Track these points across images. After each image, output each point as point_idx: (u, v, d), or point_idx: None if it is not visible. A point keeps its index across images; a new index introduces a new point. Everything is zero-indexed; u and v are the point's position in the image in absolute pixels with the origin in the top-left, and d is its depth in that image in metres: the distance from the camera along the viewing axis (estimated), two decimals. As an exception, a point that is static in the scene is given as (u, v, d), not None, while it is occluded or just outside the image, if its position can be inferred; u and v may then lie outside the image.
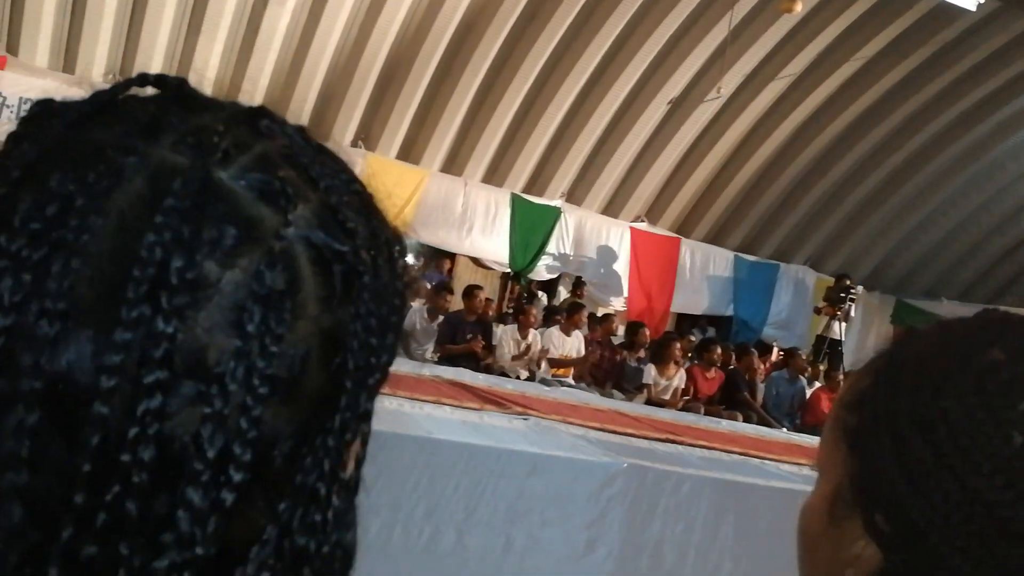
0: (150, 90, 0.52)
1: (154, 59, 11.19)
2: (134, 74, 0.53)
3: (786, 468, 4.30)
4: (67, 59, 11.04)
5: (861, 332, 14.79)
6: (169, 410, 0.43)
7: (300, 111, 12.06)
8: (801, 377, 10.46)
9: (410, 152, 12.83)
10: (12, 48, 10.74)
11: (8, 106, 10.41)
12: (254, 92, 11.81)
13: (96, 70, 11.10)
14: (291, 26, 11.36)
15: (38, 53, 10.87)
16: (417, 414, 3.37)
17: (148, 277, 0.43)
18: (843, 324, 12.92)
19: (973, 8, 11.33)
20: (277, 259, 0.46)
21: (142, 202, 0.44)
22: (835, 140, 13.94)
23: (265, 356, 0.45)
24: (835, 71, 12.99)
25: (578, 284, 13.15)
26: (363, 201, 0.53)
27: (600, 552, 3.39)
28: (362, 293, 0.49)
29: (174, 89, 0.52)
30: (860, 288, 13.83)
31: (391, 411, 3.25)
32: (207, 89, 0.53)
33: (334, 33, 11.46)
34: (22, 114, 0.50)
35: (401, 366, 5.02)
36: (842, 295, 12.74)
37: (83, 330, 0.43)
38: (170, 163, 0.46)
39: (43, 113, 0.50)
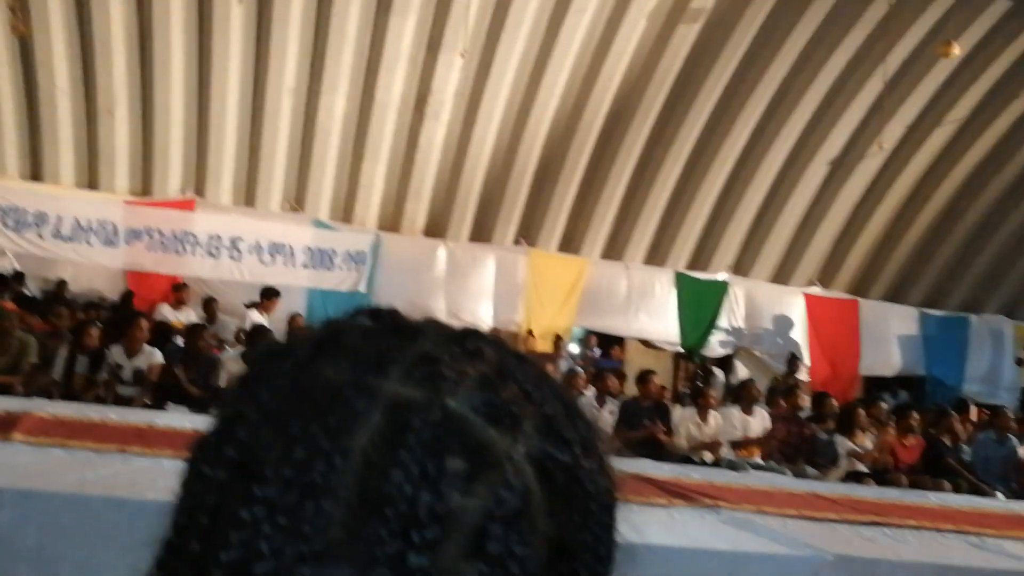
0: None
1: (324, 185, 11.94)
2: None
3: (1009, 546, 3.97)
4: (247, 195, 11.92)
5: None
6: None
7: (463, 217, 12.52)
8: (1011, 436, 9.67)
9: (571, 243, 13.01)
10: (200, 190, 11.71)
11: (199, 243, 11.31)
12: (417, 205, 12.36)
13: (273, 201, 11.93)
14: (447, 138, 11.89)
15: (222, 192, 11.80)
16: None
17: (400, 514, 0.44)
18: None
19: None
20: (512, 480, 0.47)
21: (383, 439, 0.46)
22: (1014, 181, 13.15)
23: None
24: (1005, 109, 12.34)
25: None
26: (569, 405, 0.54)
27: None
28: (586, 501, 0.50)
29: (388, 319, 0.55)
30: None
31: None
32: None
33: (488, 137, 11.91)
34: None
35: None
36: (1046, 342, 11.81)
37: (341, 570, 0.44)
38: (404, 398, 0.48)
39: (269, 356, 0.53)
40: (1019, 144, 12.76)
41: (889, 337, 13.89)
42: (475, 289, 12.34)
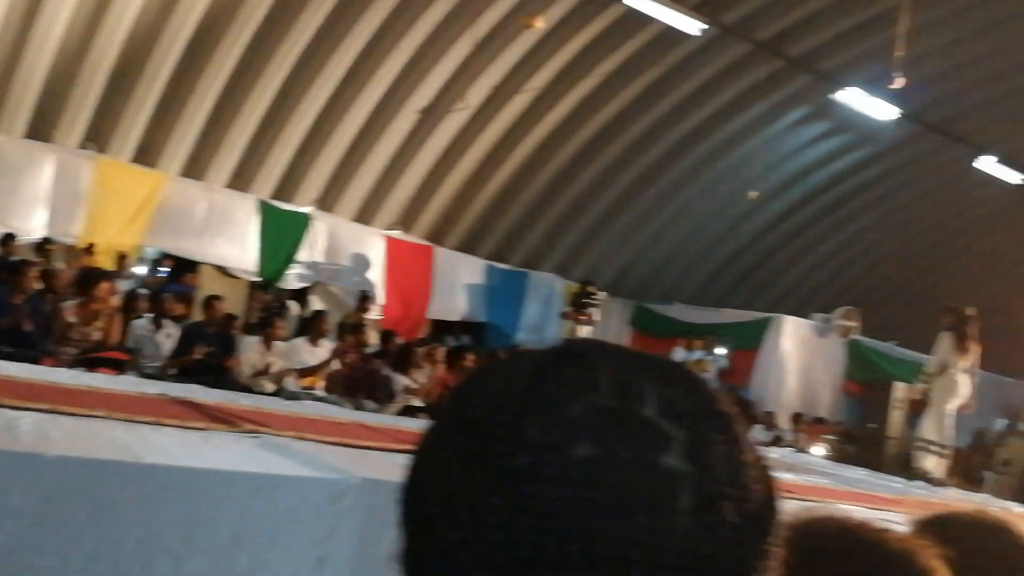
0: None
1: None
2: None
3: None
4: None
5: (603, 335, 15.56)
6: None
7: (19, 108, 11.06)
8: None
9: (147, 155, 12.10)
10: None
11: None
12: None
13: None
14: (9, 12, 10.38)
15: None
16: (128, 438, 3.13)
17: None
18: (588, 328, 13.55)
19: (697, 33, 12.24)
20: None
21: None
22: (578, 153, 14.59)
23: None
24: (576, 86, 13.59)
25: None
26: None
27: (330, 568, 3.30)
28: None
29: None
30: (603, 294, 14.57)
31: (97, 434, 3.01)
32: None
33: (61, 17, 10.55)
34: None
35: (118, 384, 4.68)
36: (586, 301, 13.34)
37: None
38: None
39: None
40: (585, 120, 14.16)
41: (458, 284, 14.81)
42: (28, 194, 11.01)
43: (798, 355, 15.91)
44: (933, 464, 8.51)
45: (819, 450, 12.17)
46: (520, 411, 0.62)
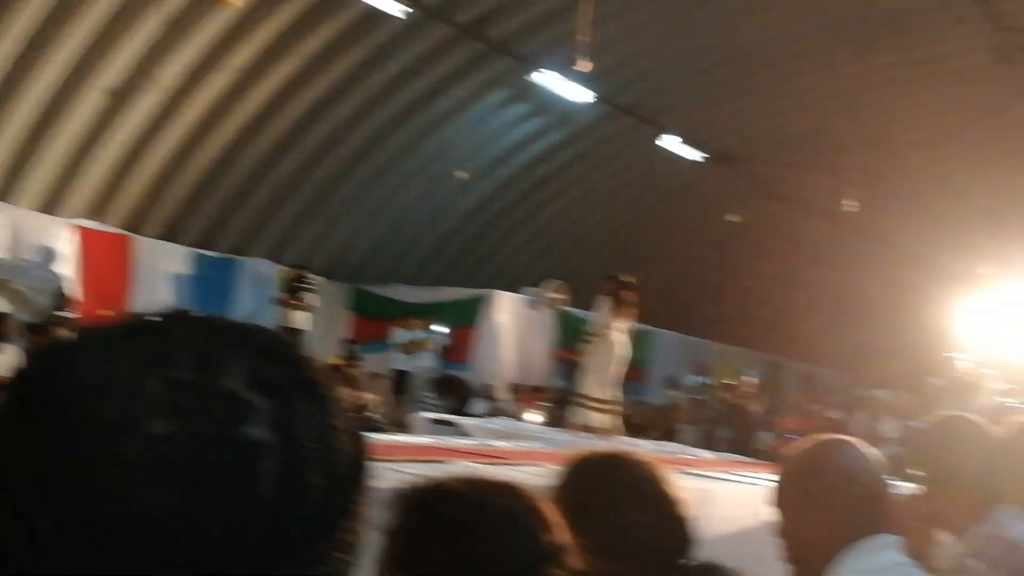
0: None
1: None
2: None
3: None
4: None
5: (322, 319, 15.35)
6: None
7: None
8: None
9: None
10: None
11: None
12: None
13: None
14: None
15: None
16: None
17: None
18: (305, 314, 13.30)
19: (400, 15, 12.30)
20: None
21: None
22: (285, 135, 14.26)
23: None
24: (279, 67, 13.26)
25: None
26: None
27: None
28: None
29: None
30: (319, 278, 14.35)
31: None
32: None
33: None
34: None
35: None
36: (300, 285, 13.08)
37: None
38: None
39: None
40: (291, 99, 13.85)
41: (161, 275, 13.97)
42: None
43: (513, 328, 16.57)
44: (598, 419, 9.22)
45: (535, 417, 12.79)
46: (92, 390, 0.59)
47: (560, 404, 12.18)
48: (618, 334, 9.43)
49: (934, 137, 18.05)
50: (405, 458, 4.56)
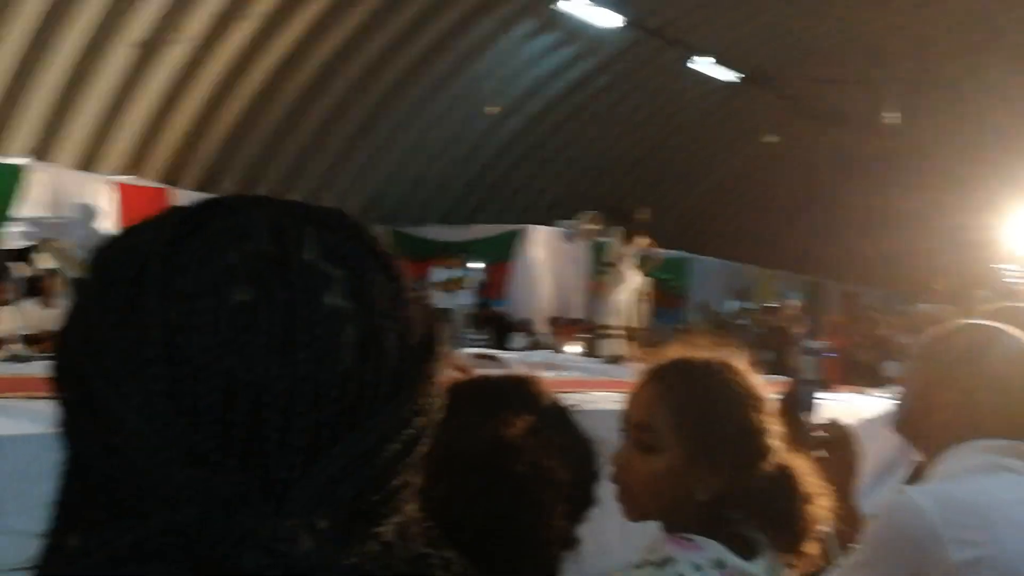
0: None
1: None
2: None
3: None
4: None
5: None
6: None
7: None
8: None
9: None
10: None
11: None
12: None
13: None
14: None
15: None
16: None
17: None
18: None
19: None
20: None
21: None
22: (314, 80, 14.21)
23: None
24: (306, 10, 13.16)
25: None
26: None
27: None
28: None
29: None
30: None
31: None
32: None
33: None
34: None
35: None
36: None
37: None
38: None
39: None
40: (317, 44, 13.75)
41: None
42: None
43: (549, 262, 16.55)
44: (621, 347, 9.26)
45: (574, 348, 12.84)
46: (170, 262, 0.60)
47: (597, 335, 12.22)
48: (630, 262, 9.49)
49: (976, 42, 17.52)
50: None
